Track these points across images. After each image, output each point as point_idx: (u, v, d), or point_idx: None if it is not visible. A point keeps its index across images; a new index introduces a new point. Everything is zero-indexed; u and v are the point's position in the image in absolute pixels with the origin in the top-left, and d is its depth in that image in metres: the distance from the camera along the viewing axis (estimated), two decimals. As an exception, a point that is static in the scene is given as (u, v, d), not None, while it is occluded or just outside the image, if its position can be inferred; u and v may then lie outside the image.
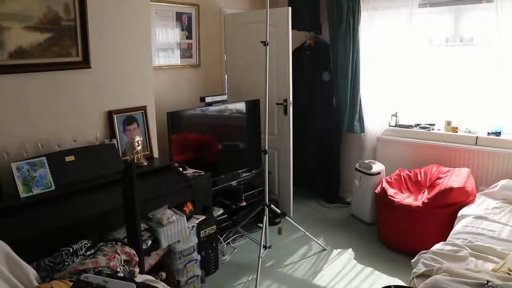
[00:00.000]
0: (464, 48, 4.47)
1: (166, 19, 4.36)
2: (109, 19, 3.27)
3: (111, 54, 3.32)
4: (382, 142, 4.90)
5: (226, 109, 4.40)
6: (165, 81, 4.41)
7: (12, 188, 2.62)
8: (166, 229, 2.97)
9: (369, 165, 4.54)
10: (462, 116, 4.53)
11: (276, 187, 4.89)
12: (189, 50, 4.62)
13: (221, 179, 4.21)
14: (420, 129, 4.72)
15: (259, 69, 4.39)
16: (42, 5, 2.82)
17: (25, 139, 2.84)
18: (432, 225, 3.71)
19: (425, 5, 4.53)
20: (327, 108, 5.12)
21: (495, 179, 4.09)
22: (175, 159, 3.74)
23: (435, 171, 4.20)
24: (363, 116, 4.96)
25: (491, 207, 3.56)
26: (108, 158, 3.09)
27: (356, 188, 4.73)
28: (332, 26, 4.87)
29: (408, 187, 4.27)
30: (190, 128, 4.05)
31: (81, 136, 3.15)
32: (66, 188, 2.76)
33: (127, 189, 2.57)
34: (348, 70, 4.82)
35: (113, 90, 3.37)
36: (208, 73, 4.88)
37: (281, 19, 4.41)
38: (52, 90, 2.98)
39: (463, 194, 3.71)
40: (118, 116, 3.38)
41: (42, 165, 2.72)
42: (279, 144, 4.76)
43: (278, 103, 4.63)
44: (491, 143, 4.25)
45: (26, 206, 2.57)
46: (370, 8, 4.71)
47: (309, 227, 4.45)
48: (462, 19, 4.43)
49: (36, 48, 2.83)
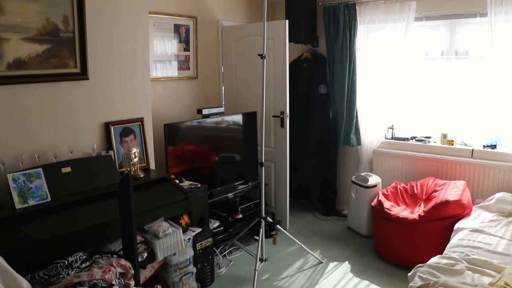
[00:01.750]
0: (459, 61, 4.50)
1: (164, 31, 4.38)
2: (108, 30, 3.28)
3: (109, 66, 3.33)
4: (378, 154, 4.91)
5: (223, 121, 4.41)
6: (162, 92, 4.42)
7: (7, 199, 2.60)
8: (162, 242, 2.95)
9: (366, 178, 4.55)
10: (458, 129, 4.55)
11: (273, 199, 4.89)
12: (187, 62, 4.64)
13: (218, 191, 4.20)
14: (416, 142, 4.74)
15: (256, 81, 4.42)
16: (41, 17, 2.83)
17: (22, 150, 2.83)
18: (428, 238, 3.71)
19: (421, 19, 4.58)
20: (324, 121, 5.14)
21: (491, 192, 4.10)
22: (172, 171, 3.74)
23: (431, 184, 4.21)
24: (360, 129, 4.98)
25: (487, 220, 3.56)
26: (105, 170, 3.09)
27: (352, 201, 4.73)
28: (329, 39, 4.92)
29: (404, 199, 4.27)
30: (187, 140, 4.05)
31: (78, 147, 3.14)
32: (62, 199, 2.75)
33: (123, 201, 2.56)
34: (345, 83, 4.84)
35: (111, 102, 3.37)
36: (206, 85, 4.90)
37: (279, 32, 4.44)
38: (50, 101, 2.98)
39: (459, 207, 3.71)
40: (115, 127, 3.38)
41: (38, 176, 2.71)
42: (276, 157, 4.76)
43: (275, 116, 4.64)
44: (487, 156, 4.27)
45: (21, 218, 2.55)
46: (366, 22, 4.76)
47: (305, 240, 4.44)
48: (457, 33, 4.48)
49: (34, 59, 2.83)
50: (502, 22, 3.95)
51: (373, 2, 4.67)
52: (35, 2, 2.78)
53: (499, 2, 3.92)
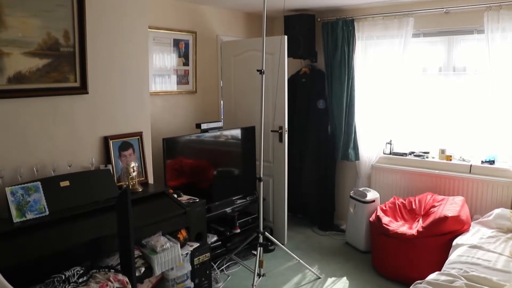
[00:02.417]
0: (457, 77, 4.53)
1: (164, 46, 4.42)
2: (108, 45, 3.30)
3: (109, 80, 3.34)
4: (376, 169, 4.92)
5: (221, 135, 4.42)
6: (161, 106, 4.44)
7: (5, 213, 2.59)
8: (159, 256, 2.94)
9: (364, 193, 4.54)
10: (456, 144, 4.57)
11: (271, 214, 4.87)
12: (186, 76, 4.66)
13: (216, 205, 4.19)
14: (414, 157, 4.75)
15: (254, 96, 4.43)
16: (42, 32, 2.85)
17: (21, 163, 2.83)
18: (427, 254, 3.69)
19: (419, 35, 4.62)
20: (322, 136, 5.15)
21: (489, 208, 4.11)
22: (170, 185, 3.74)
23: (430, 199, 4.21)
24: (358, 144, 4.99)
25: (486, 236, 3.56)
26: (103, 184, 3.08)
27: (350, 216, 4.72)
28: (328, 55, 4.95)
29: (402, 215, 4.27)
30: (185, 154, 4.06)
31: (76, 161, 3.14)
32: (60, 213, 2.74)
33: (121, 216, 2.56)
34: (343, 98, 4.87)
35: (110, 116, 3.38)
36: (204, 99, 4.92)
37: (277, 47, 4.46)
38: (49, 114, 2.99)
39: (458, 223, 3.71)
40: (114, 141, 3.38)
41: (36, 189, 2.71)
42: (274, 171, 4.76)
43: (274, 130, 4.65)
44: (485, 172, 4.28)
45: (19, 231, 2.54)
46: (364, 38, 4.80)
47: (303, 255, 4.42)
48: (455, 49, 4.52)
49: (34, 73, 2.85)
50: (498, 39, 3.99)
51: (371, 18, 4.72)
52: (36, 17, 2.81)
53: (496, 19, 3.97)
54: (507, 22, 3.93)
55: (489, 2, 3.98)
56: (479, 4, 4.05)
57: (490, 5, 3.97)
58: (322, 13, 5.06)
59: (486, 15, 4.00)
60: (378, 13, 4.68)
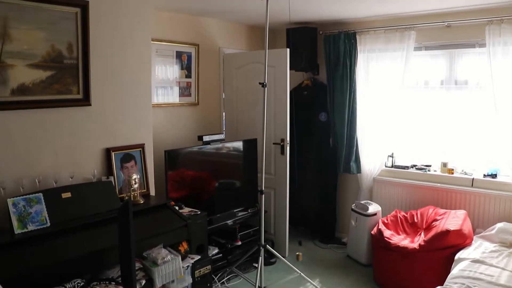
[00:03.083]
0: (459, 90, 4.54)
1: (166, 58, 4.44)
2: (111, 57, 3.32)
3: (111, 92, 3.35)
4: (378, 182, 4.91)
5: (223, 147, 4.42)
6: (163, 118, 4.45)
7: (7, 224, 2.59)
8: (160, 269, 2.92)
9: (366, 206, 4.53)
10: (458, 157, 4.56)
11: (272, 226, 4.86)
12: (188, 88, 4.68)
13: (217, 218, 4.19)
14: (416, 170, 4.75)
15: (256, 108, 4.45)
16: (47, 44, 2.87)
17: (23, 175, 2.83)
18: (429, 268, 3.67)
19: (420, 49, 4.64)
20: (324, 148, 5.16)
21: (492, 222, 4.09)
22: (172, 196, 3.73)
23: (432, 213, 4.20)
24: (360, 157, 4.99)
25: (489, 251, 3.54)
26: (105, 196, 3.08)
27: (352, 229, 4.70)
28: (330, 67, 4.97)
29: (404, 228, 4.25)
30: (187, 166, 4.06)
31: (78, 173, 3.15)
32: (62, 225, 2.74)
33: (122, 228, 2.55)
34: (345, 110, 4.88)
35: (112, 128, 3.39)
36: (207, 111, 4.93)
37: (280, 60, 4.49)
38: (51, 126, 3.00)
39: (460, 236, 3.69)
40: (116, 153, 3.38)
41: (38, 201, 2.71)
42: (276, 184, 4.76)
43: (275, 143, 4.66)
44: (487, 185, 4.27)
45: (20, 243, 2.53)
46: (366, 51, 4.83)
47: (305, 268, 4.40)
48: (457, 63, 4.53)
49: (38, 85, 2.86)
50: (500, 52, 4.01)
51: (373, 31, 4.75)
52: (41, 30, 2.83)
53: (497, 33, 3.99)
54: (509, 36, 3.95)
55: (490, 16, 4.01)
56: (481, 18, 4.08)
57: (492, 19, 3.99)
58: (324, 26, 5.09)
59: (488, 29, 4.02)
60: (380, 26, 4.71)
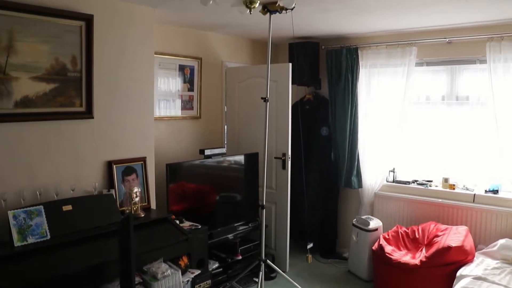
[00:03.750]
0: (460, 106, 4.55)
1: (169, 71, 4.46)
2: (114, 71, 3.35)
3: (114, 105, 3.37)
4: (379, 197, 4.89)
5: (225, 161, 4.42)
6: (165, 131, 4.46)
7: (7, 236, 2.59)
8: (160, 284, 2.91)
9: (367, 221, 4.51)
10: (460, 173, 4.55)
11: (273, 240, 4.83)
12: (190, 102, 4.70)
13: (218, 232, 4.17)
14: (417, 186, 4.74)
15: (258, 122, 4.45)
16: (51, 57, 2.89)
17: (24, 187, 2.84)
18: (430, 285, 3.65)
19: (422, 64, 4.67)
20: (325, 163, 5.15)
21: (493, 238, 4.07)
22: (173, 209, 3.73)
23: (433, 229, 4.18)
24: (361, 171, 4.98)
25: (491, 268, 3.51)
26: (105, 209, 3.08)
27: (353, 244, 4.68)
28: (331, 82, 4.99)
29: (405, 244, 4.23)
30: (188, 180, 4.06)
31: (79, 185, 3.15)
32: (62, 238, 2.73)
33: (123, 242, 2.54)
34: (347, 125, 4.89)
35: (114, 141, 3.40)
36: (208, 125, 4.94)
37: (282, 75, 4.51)
38: (54, 138, 3.01)
39: (462, 253, 3.67)
40: (118, 166, 3.39)
41: (39, 213, 2.71)
42: (277, 198, 4.74)
43: (277, 157, 4.65)
44: (489, 201, 4.25)
45: (20, 256, 2.52)
46: (368, 66, 4.85)
47: (305, 283, 4.37)
48: (458, 78, 4.55)
49: (41, 98, 2.88)
50: (501, 69, 4.03)
51: (375, 46, 4.77)
52: (46, 43, 2.86)
53: (498, 49, 4.01)
54: (509, 53, 3.98)
55: (490, 33, 4.03)
56: (481, 35, 4.10)
57: (492, 36, 4.02)
58: (326, 41, 5.12)
59: (488, 45, 4.04)
60: (382, 42, 4.73)
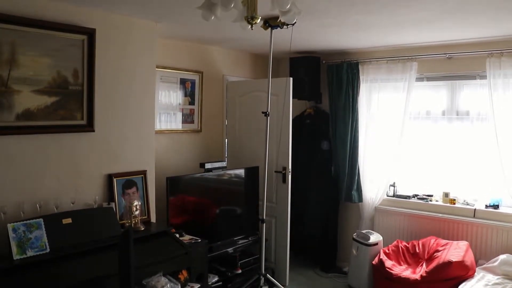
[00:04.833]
0: (460, 121, 4.56)
1: (170, 85, 4.48)
2: (115, 84, 3.37)
3: (115, 118, 3.39)
4: (380, 212, 4.88)
5: (225, 174, 4.43)
6: (166, 145, 4.46)
7: (6, 249, 2.58)
8: (159, 297, 2.90)
9: (367, 236, 4.50)
10: (460, 188, 4.54)
11: (273, 254, 4.81)
12: (191, 115, 4.71)
13: (218, 245, 4.15)
14: (418, 200, 4.72)
15: (259, 136, 4.46)
16: (53, 70, 2.91)
17: (24, 199, 2.84)
18: (431, 300, 3.63)
19: (422, 79, 4.69)
20: (326, 177, 5.14)
21: (494, 253, 4.05)
22: (173, 222, 3.72)
23: (433, 244, 4.16)
24: (361, 186, 4.98)
25: (492, 283, 3.50)
26: (105, 222, 3.08)
27: (353, 258, 4.65)
28: (332, 96, 5.01)
29: (406, 259, 4.21)
30: (189, 193, 4.06)
31: (79, 198, 3.15)
32: (61, 251, 2.72)
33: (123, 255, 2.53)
34: (347, 139, 4.89)
35: (115, 154, 3.41)
36: (209, 138, 4.95)
37: (282, 89, 4.52)
38: (54, 151, 3.02)
39: (463, 268, 3.66)
40: (118, 179, 3.39)
41: (38, 226, 2.70)
42: (277, 212, 4.73)
43: (277, 171, 4.65)
44: (490, 216, 4.24)
45: (18, 269, 2.52)
46: (369, 81, 4.87)
47: (306, 298, 4.34)
48: (458, 94, 4.56)
49: (43, 111, 2.89)
50: (500, 84, 4.05)
51: (375, 61, 4.80)
52: (48, 57, 2.88)
53: (498, 65, 4.04)
54: (509, 69, 4.00)
55: (490, 49, 4.06)
56: (481, 51, 4.13)
57: (492, 52, 4.05)
58: (327, 55, 5.15)
59: (488, 61, 4.07)
60: (383, 57, 4.76)
